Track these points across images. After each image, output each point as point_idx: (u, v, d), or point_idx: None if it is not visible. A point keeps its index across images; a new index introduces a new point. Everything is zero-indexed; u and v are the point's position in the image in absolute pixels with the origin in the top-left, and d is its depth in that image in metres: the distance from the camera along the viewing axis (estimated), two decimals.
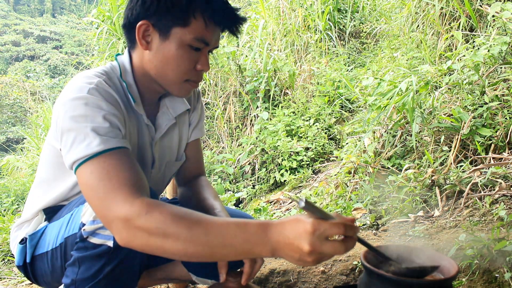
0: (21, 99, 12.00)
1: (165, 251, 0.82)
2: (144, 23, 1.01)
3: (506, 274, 1.37)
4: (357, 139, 3.12)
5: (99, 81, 0.99)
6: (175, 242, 0.80)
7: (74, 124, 0.90)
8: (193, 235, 0.79)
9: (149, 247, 0.82)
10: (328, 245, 0.75)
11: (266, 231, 0.79)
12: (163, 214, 0.81)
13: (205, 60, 1.06)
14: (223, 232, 0.80)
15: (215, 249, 0.80)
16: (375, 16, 5.68)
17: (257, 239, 0.79)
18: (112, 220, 0.83)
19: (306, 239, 0.75)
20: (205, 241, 0.79)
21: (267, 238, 0.79)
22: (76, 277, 0.94)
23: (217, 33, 1.06)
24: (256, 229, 0.80)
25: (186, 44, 1.01)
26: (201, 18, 1.00)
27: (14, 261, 2.50)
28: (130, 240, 0.82)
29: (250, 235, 0.79)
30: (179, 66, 1.03)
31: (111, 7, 4.99)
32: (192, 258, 0.82)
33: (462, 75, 2.51)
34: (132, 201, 0.82)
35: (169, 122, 1.21)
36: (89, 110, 0.92)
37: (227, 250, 0.80)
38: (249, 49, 4.93)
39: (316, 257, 0.76)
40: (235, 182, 3.98)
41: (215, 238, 0.79)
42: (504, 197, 1.93)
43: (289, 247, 0.77)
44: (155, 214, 0.81)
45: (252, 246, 0.79)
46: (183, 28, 1.00)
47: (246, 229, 0.80)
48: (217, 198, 1.24)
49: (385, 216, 2.28)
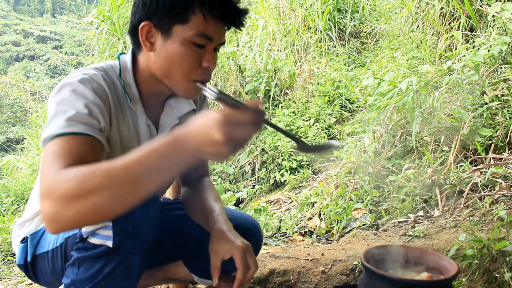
0: (21, 99, 12.01)
1: (99, 210, 0.76)
2: (146, 24, 1.02)
3: (506, 274, 1.37)
4: (357, 139, 3.12)
5: (94, 74, 1.00)
6: (102, 194, 0.75)
7: (56, 107, 0.93)
8: (113, 178, 0.75)
9: (82, 213, 0.76)
10: (240, 130, 0.74)
11: (178, 138, 0.77)
12: (76, 173, 0.77)
13: (210, 56, 1.04)
14: (140, 161, 0.76)
15: (141, 181, 0.76)
16: (375, 16, 5.67)
17: (172, 149, 0.77)
18: (42, 200, 0.79)
19: (218, 129, 0.73)
20: (127, 178, 0.76)
21: (181, 143, 0.77)
22: (75, 278, 0.94)
23: (219, 27, 1.04)
24: (168, 140, 0.77)
25: (189, 41, 1.01)
26: (200, 13, 0.99)
27: (14, 261, 2.50)
28: (59, 215, 0.76)
29: (164, 149, 0.77)
30: (184, 64, 1.02)
31: (111, 7, 4.99)
32: (127, 201, 0.78)
33: (462, 75, 2.51)
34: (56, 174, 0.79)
35: (172, 122, 1.20)
36: (73, 96, 0.94)
37: (152, 175, 0.77)
38: (249, 49, 4.93)
39: (231, 145, 0.74)
40: (235, 182, 3.98)
41: (135, 170, 0.76)
42: (504, 197, 1.93)
43: (204, 142, 0.75)
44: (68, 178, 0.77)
45: (171, 158, 0.77)
46: (183, 25, 1.00)
47: (158, 147, 0.77)
48: (217, 200, 1.24)
49: (385, 216, 2.28)
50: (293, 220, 2.70)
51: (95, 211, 0.76)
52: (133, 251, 0.94)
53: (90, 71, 1.01)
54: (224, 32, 1.07)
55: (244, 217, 1.35)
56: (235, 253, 1.03)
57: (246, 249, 1.05)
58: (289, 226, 2.60)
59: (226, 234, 1.08)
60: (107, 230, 0.91)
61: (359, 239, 2.09)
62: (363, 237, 2.09)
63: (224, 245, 1.06)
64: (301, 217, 2.77)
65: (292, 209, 2.95)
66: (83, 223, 0.81)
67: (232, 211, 1.37)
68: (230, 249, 1.04)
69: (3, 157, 6.84)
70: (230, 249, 1.04)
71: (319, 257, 1.79)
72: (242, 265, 1.03)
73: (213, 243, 1.08)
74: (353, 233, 2.23)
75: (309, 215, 2.74)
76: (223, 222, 1.12)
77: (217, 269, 1.06)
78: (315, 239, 2.35)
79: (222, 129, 0.73)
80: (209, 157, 0.77)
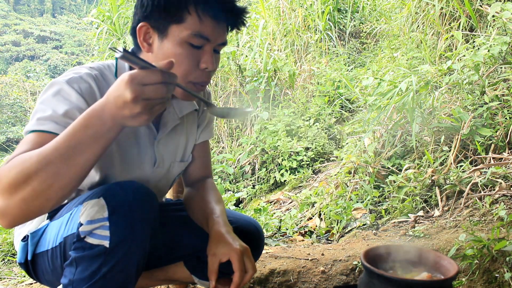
0: (21, 99, 12.01)
1: (40, 193, 0.78)
2: (144, 25, 1.01)
3: (506, 274, 1.37)
4: (357, 139, 3.12)
5: (85, 73, 1.01)
6: (40, 176, 0.77)
7: (38, 106, 0.95)
8: (46, 158, 0.78)
9: (27, 200, 0.78)
10: (150, 89, 0.75)
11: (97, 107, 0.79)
12: (15, 162, 0.80)
13: (208, 58, 1.03)
14: (67, 136, 0.79)
15: (72, 156, 0.78)
16: (375, 16, 5.68)
17: (94, 119, 0.79)
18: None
19: (126, 88, 0.74)
20: (58, 155, 0.78)
21: (101, 111, 0.78)
22: (73, 278, 0.94)
23: (217, 27, 1.02)
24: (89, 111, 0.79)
25: (185, 42, 1.00)
26: (195, 13, 0.99)
27: (14, 261, 2.51)
28: (7, 206, 0.79)
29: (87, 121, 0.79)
30: (180, 65, 1.01)
31: (111, 7, 4.99)
32: (64, 179, 0.79)
33: (462, 75, 2.51)
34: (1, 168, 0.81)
35: (174, 122, 1.20)
36: (55, 97, 0.95)
37: (81, 148, 0.79)
38: (249, 49, 4.94)
39: (143, 104, 0.75)
40: (235, 182, 3.98)
41: (64, 146, 0.78)
42: (504, 197, 1.93)
43: (117, 105, 0.76)
44: (9, 168, 0.79)
45: (95, 128, 0.79)
46: (179, 25, 0.99)
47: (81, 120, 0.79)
48: (219, 202, 1.23)
49: (385, 216, 2.28)
50: (293, 220, 2.70)
51: (38, 195, 0.78)
52: (131, 251, 0.94)
53: (82, 70, 1.02)
54: (224, 32, 1.06)
55: (246, 219, 1.34)
56: (232, 256, 1.03)
57: (244, 252, 1.05)
58: (289, 226, 2.60)
59: (224, 236, 1.07)
60: (104, 230, 0.91)
61: (359, 239, 2.09)
62: (363, 237, 2.09)
63: (222, 247, 1.05)
64: (301, 217, 2.77)
65: (292, 209, 2.95)
66: (32, 210, 0.81)
67: (234, 213, 1.37)
68: (227, 252, 1.04)
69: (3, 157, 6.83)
70: (228, 252, 1.03)
71: (319, 257, 1.79)
72: (239, 268, 1.02)
73: (211, 245, 1.08)
74: (353, 233, 2.23)
75: (309, 215, 2.74)
76: (222, 225, 1.12)
77: (214, 271, 1.05)
78: (315, 239, 2.35)
79: (130, 88, 0.74)
80: (127, 122, 0.78)
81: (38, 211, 0.82)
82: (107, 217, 0.91)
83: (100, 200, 0.92)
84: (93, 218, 0.92)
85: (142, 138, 1.15)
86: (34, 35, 26.07)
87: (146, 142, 1.16)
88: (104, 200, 0.92)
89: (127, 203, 0.92)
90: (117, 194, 0.93)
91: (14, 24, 27.41)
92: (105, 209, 0.91)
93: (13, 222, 0.82)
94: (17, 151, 0.86)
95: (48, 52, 23.86)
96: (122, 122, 0.79)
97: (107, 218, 0.91)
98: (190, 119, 1.29)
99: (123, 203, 0.92)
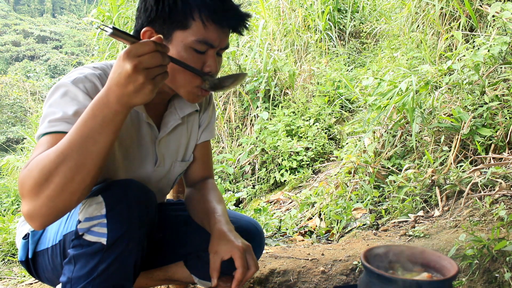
0: (21, 99, 12.00)
1: (64, 187, 0.81)
2: (148, 30, 1.02)
3: (506, 274, 1.37)
4: (357, 139, 3.12)
5: (90, 73, 1.02)
6: (60, 171, 0.80)
7: (47, 109, 0.96)
8: (62, 153, 0.80)
9: (53, 197, 0.81)
10: (146, 57, 0.78)
11: (102, 94, 0.82)
12: (35, 163, 0.82)
13: (212, 62, 1.04)
14: (79, 129, 0.81)
15: (87, 146, 0.81)
16: (375, 16, 5.67)
17: (101, 105, 0.81)
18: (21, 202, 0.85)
19: (125, 63, 0.77)
20: (74, 147, 0.80)
21: (106, 96, 0.81)
22: (72, 275, 0.94)
23: (221, 33, 1.03)
24: (95, 100, 0.82)
25: (189, 47, 1.00)
26: (200, 19, 0.99)
27: (14, 261, 2.51)
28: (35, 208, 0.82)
29: (94, 109, 0.82)
30: (185, 70, 1.02)
31: (111, 7, 4.99)
32: (84, 169, 0.82)
33: (462, 75, 2.51)
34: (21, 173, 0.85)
35: (175, 122, 1.21)
36: (64, 99, 0.96)
37: (94, 137, 0.81)
38: (249, 49, 4.94)
39: (144, 74, 0.78)
40: (235, 182, 3.98)
41: (78, 138, 0.81)
42: (504, 197, 1.93)
43: (119, 83, 0.79)
44: (30, 170, 0.82)
45: (103, 115, 0.81)
46: (183, 31, 1.00)
47: (89, 110, 0.82)
48: (220, 202, 1.23)
49: (385, 216, 2.28)
50: (293, 220, 2.70)
51: (63, 190, 0.81)
52: (128, 249, 0.94)
53: (85, 71, 1.03)
54: (227, 37, 1.06)
55: (247, 220, 1.34)
56: (234, 253, 1.03)
57: (246, 249, 1.05)
58: (289, 226, 2.60)
59: (226, 234, 1.08)
60: (102, 227, 0.91)
61: (359, 239, 2.09)
62: (363, 237, 2.09)
63: (224, 245, 1.05)
64: (301, 217, 2.77)
65: (292, 209, 2.95)
66: (59, 206, 0.83)
67: (235, 213, 1.37)
68: (230, 249, 1.04)
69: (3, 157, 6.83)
70: (230, 249, 1.04)
71: (319, 257, 1.79)
72: (241, 265, 1.02)
73: (213, 243, 1.08)
74: (353, 233, 2.23)
75: (309, 215, 2.74)
76: (224, 223, 1.12)
77: (216, 269, 1.05)
78: (315, 239, 2.35)
79: (128, 60, 0.77)
80: (132, 99, 0.81)
81: (66, 206, 0.84)
82: (105, 215, 0.92)
83: (98, 198, 0.93)
84: (91, 216, 0.92)
85: (144, 137, 1.15)
86: (34, 35, 26.07)
87: (147, 141, 1.16)
88: (102, 197, 0.93)
89: (125, 201, 0.93)
90: (115, 192, 0.94)
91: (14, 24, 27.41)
92: (103, 206, 0.92)
93: (43, 222, 0.84)
94: (33, 154, 0.87)
95: (48, 52, 23.86)
96: (128, 101, 0.81)
97: (104, 215, 0.92)
98: (191, 120, 1.29)
99: (121, 201, 0.93)
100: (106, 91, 0.81)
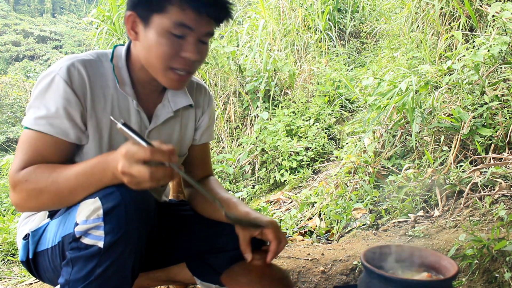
0: (21, 99, 11.98)
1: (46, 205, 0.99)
2: (131, 14, 1.04)
3: (506, 274, 1.37)
4: (357, 139, 3.12)
5: (78, 60, 1.05)
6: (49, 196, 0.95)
7: (33, 100, 1.03)
8: (58, 186, 0.95)
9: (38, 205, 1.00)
10: (135, 168, 0.83)
11: (104, 161, 0.91)
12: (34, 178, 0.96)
13: (191, 47, 1.03)
14: (77, 177, 0.94)
15: (77, 191, 0.95)
16: (375, 16, 5.68)
17: (99, 170, 0.92)
18: (10, 189, 1.00)
19: (119, 161, 0.85)
20: (67, 187, 0.95)
21: (106, 166, 0.91)
22: (69, 278, 0.94)
23: (199, 17, 1.02)
24: (97, 162, 0.93)
25: (167, 31, 1.01)
26: (177, 2, 0.99)
27: (14, 261, 2.51)
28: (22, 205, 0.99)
29: (94, 169, 0.93)
30: (161, 53, 1.02)
31: (111, 7, 4.99)
32: (66, 202, 0.98)
33: (462, 75, 2.51)
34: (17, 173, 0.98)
35: (167, 115, 1.21)
36: (48, 93, 1.02)
37: (84, 186, 0.94)
38: (249, 49, 4.93)
39: (129, 179, 0.85)
40: (235, 182, 3.98)
41: (73, 183, 0.94)
42: (504, 197, 1.93)
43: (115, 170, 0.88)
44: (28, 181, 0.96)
45: (98, 177, 0.92)
46: (161, 14, 1.00)
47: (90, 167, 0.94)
48: (228, 193, 1.27)
49: (385, 216, 2.28)
50: (293, 220, 2.70)
51: (45, 206, 1.01)
52: (125, 253, 0.93)
53: (76, 57, 1.06)
54: (208, 23, 1.05)
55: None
56: (268, 227, 1.09)
57: (275, 224, 1.11)
58: (289, 226, 2.60)
59: (251, 213, 1.14)
60: (99, 230, 0.91)
61: (359, 239, 2.09)
62: (363, 237, 2.09)
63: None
64: (301, 217, 2.76)
65: (292, 209, 2.95)
66: (43, 209, 1.07)
67: None
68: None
69: (3, 157, 6.82)
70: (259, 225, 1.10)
71: (319, 257, 1.79)
72: (275, 238, 1.08)
73: None
74: (353, 233, 2.23)
75: (309, 215, 2.73)
76: (244, 205, 1.18)
77: (247, 244, 1.10)
78: (315, 239, 2.35)
79: (121, 162, 0.84)
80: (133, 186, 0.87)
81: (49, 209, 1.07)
82: (102, 218, 0.91)
83: (96, 201, 0.92)
84: (88, 218, 0.92)
85: (131, 122, 1.16)
86: (34, 35, 26.05)
87: (135, 127, 1.16)
88: (99, 200, 0.92)
89: (122, 204, 0.92)
90: (112, 195, 0.92)
91: (14, 24, 27.39)
92: (100, 209, 0.91)
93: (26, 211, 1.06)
94: (21, 151, 1.01)
95: (48, 52, 23.84)
96: (121, 179, 0.88)
97: (102, 219, 0.91)
98: (186, 115, 1.29)
99: (119, 204, 0.92)
100: (108, 161, 0.91)
